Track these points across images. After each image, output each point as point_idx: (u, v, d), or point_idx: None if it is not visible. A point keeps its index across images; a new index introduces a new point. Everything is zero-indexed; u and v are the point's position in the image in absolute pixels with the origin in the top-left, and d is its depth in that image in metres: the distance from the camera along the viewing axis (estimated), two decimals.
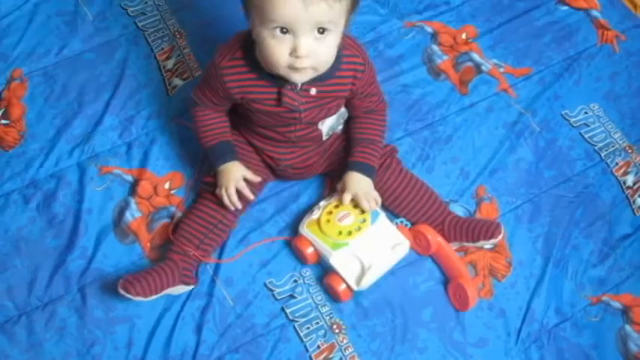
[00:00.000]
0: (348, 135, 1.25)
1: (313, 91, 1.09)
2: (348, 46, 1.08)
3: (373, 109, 1.22)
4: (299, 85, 1.08)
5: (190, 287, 1.20)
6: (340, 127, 1.25)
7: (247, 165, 1.21)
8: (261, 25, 0.97)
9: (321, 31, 0.97)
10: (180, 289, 1.19)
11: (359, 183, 1.18)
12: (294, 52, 0.97)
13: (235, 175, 1.16)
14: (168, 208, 1.29)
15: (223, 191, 1.16)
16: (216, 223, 1.20)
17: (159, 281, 1.13)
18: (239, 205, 1.17)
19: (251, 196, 1.17)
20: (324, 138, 1.23)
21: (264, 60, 1.02)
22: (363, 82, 1.13)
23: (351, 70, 1.11)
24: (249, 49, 1.07)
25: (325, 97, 1.12)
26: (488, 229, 1.21)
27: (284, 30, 0.96)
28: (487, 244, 1.23)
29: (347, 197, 1.17)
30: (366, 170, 1.19)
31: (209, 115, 1.19)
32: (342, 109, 1.22)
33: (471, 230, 1.22)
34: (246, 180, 1.17)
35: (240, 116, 1.20)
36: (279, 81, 1.07)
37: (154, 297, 1.12)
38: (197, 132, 1.20)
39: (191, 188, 1.30)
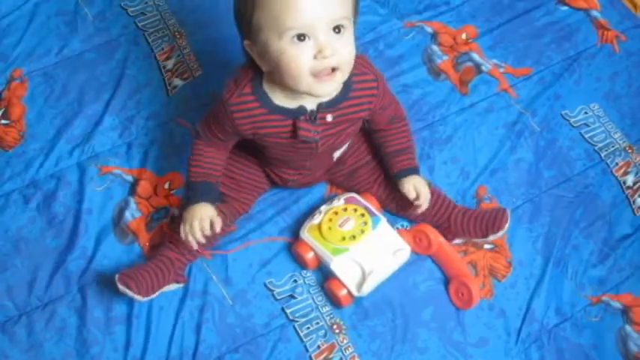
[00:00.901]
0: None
1: (329, 117, 1.06)
2: (355, 64, 1.02)
3: (394, 116, 1.19)
4: (315, 108, 1.05)
5: (180, 285, 1.20)
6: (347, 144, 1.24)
7: (245, 182, 1.22)
8: (278, 37, 0.94)
9: (337, 30, 0.95)
10: (171, 288, 1.18)
11: (418, 180, 1.19)
12: (319, 54, 0.94)
13: (202, 214, 1.10)
14: (168, 208, 1.29)
15: (186, 230, 1.10)
16: None
17: (156, 280, 1.12)
18: (195, 246, 1.10)
19: (204, 241, 1.12)
20: (334, 160, 1.22)
21: (284, 75, 0.98)
22: (380, 98, 1.10)
23: (365, 89, 1.07)
24: (258, 84, 1.04)
25: (342, 122, 1.09)
26: (494, 221, 1.20)
27: (301, 37, 0.94)
28: (496, 236, 1.22)
29: (412, 193, 1.17)
30: (416, 172, 1.21)
31: (209, 152, 1.14)
32: None
33: (478, 225, 1.21)
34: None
35: (250, 147, 1.18)
36: (292, 113, 1.05)
37: (150, 297, 1.12)
38: (189, 162, 1.16)
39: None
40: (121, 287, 1.08)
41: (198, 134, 1.15)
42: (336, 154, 1.19)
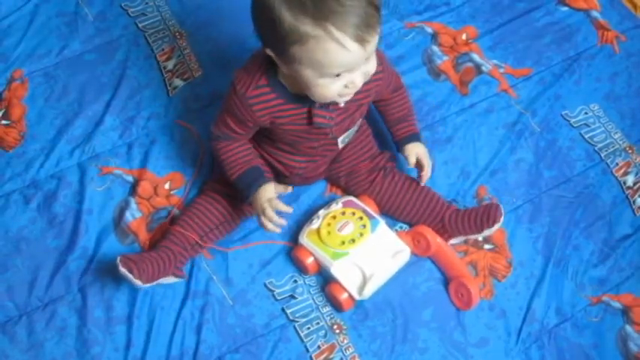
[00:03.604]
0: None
1: (342, 103, 1.08)
2: None
3: (395, 86, 1.23)
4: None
5: (178, 280, 1.20)
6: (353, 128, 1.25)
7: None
8: (318, 76, 0.95)
9: (367, 58, 0.97)
10: (168, 280, 1.18)
11: (420, 148, 1.25)
12: (351, 84, 0.97)
13: (267, 196, 1.12)
14: (168, 208, 1.29)
15: (263, 219, 1.11)
16: (223, 221, 1.20)
17: (157, 269, 1.12)
18: (284, 222, 1.13)
19: (290, 209, 1.13)
20: (340, 147, 1.22)
21: (311, 94, 1.00)
22: (384, 80, 1.14)
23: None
24: (273, 75, 1.04)
25: (351, 107, 1.11)
26: (489, 216, 1.20)
27: (338, 75, 0.95)
28: (492, 231, 1.22)
29: (412, 159, 1.23)
30: (417, 138, 1.26)
31: (236, 147, 1.15)
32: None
33: (472, 221, 1.21)
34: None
35: (260, 137, 1.18)
36: (307, 101, 1.06)
37: (147, 285, 1.10)
38: (223, 166, 1.15)
39: (190, 188, 1.31)
40: (121, 270, 1.06)
41: (217, 137, 1.14)
42: (341, 139, 1.19)
